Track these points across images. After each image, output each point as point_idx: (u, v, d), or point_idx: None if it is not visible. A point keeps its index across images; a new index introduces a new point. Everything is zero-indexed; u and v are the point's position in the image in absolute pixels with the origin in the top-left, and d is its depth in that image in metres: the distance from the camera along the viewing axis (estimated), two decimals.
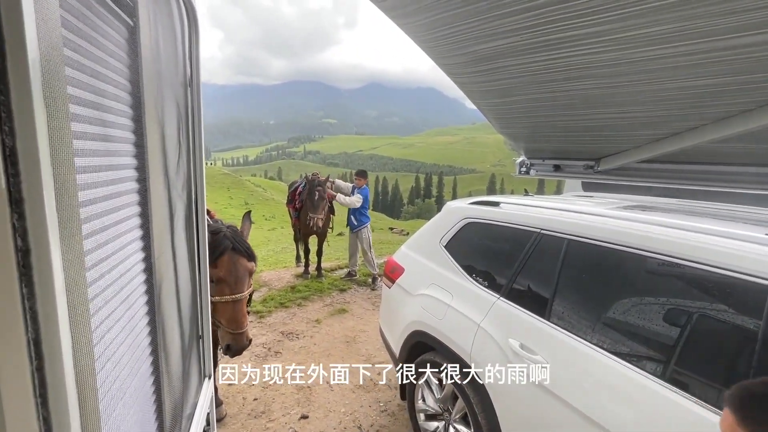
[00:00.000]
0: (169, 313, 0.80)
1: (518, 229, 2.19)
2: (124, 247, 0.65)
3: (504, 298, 2.08)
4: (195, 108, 1.00)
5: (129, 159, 0.69)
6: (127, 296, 0.64)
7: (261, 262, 7.46)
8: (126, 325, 0.62)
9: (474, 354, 2.06)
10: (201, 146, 1.02)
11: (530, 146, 1.89)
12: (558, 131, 1.43)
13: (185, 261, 0.96)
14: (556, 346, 1.73)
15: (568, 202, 2.36)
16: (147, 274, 0.73)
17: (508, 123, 1.39)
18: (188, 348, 0.95)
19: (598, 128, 1.33)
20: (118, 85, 0.66)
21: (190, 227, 1.01)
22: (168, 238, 0.80)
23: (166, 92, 0.82)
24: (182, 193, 0.92)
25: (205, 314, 1.08)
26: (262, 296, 5.27)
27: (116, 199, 0.64)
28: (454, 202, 2.87)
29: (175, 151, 0.87)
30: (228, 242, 2.14)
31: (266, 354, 3.83)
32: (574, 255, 1.86)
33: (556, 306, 1.82)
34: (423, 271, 2.72)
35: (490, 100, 1.12)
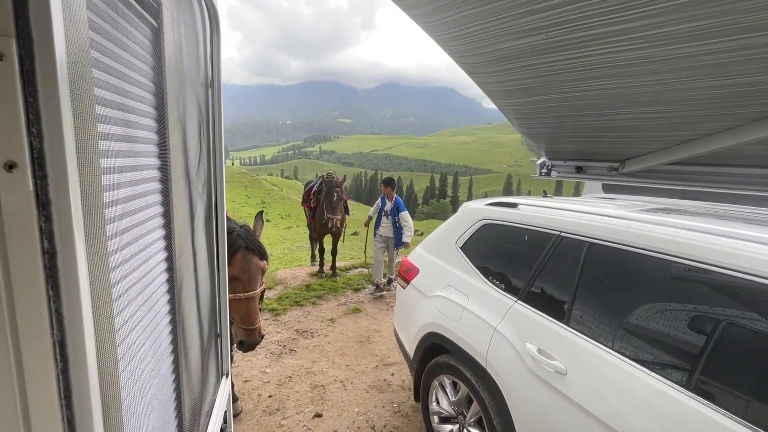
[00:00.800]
0: (189, 312, 0.81)
1: (537, 231, 2.14)
2: (146, 248, 0.65)
3: (521, 302, 2.04)
4: (216, 109, 1.01)
5: (152, 159, 0.70)
6: (149, 296, 0.65)
7: (276, 260, 7.55)
8: (148, 325, 0.63)
9: (490, 357, 2.03)
10: (221, 147, 1.02)
11: (552, 147, 1.83)
12: (581, 132, 1.38)
13: (205, 261, 0.97)
14: (576, 352, 1.68)
15: (588, 204, 2.30)
16: (169, 274, 0.74)
17: (529, 123, 1.35)
18: (207, 347, 0.96)
19: (624, 129, 1.28)
20: (142, 87, 0.66)
21: (210, 227, 1.02)
22: (188, 238, 0.81)
23: (188, 93, 0.83)
24: (202, 194, 0.93)
25: (224, 313, 1.09)
26: (277, 294, 5.33)
27: (139, 199, 0.65)
28: (470, 203, 2.84)
29: (196, 151, 0.88)
30: (241, 241, 2.20)
31: (281, 351, 3.87)
32: (596, 259, 1.81)
33: (576, 310, 1.78)
34: (438, 272, 2.70)
35: (511, 100, 1.09)
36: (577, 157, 1.94)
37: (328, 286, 5.64)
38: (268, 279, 5.86)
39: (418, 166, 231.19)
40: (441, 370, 2.42)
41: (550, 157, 2.09)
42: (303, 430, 2.80)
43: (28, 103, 0.36)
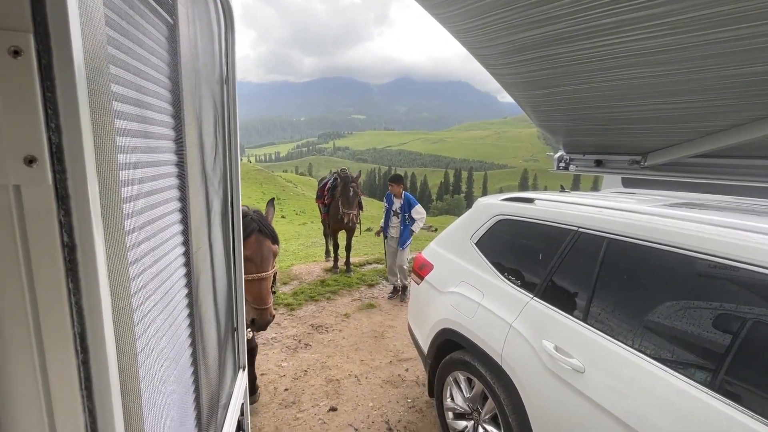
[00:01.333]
0: (206, 306, 0.82)
1: (554, 226, 2.10)
2: (164, 242, 0.66)
3: (538, 298, 2.01)
4: (231, 105, 1.01)
5: (169, 155, 0.71)
6: (167, 290, 0.65)
7: (291, 255, 7.63)
8: (167, 319, 0.64)
9: (505, 354, 2.00)
10: (236, 143, 1.03)
11: (570, 140, 1.77)
12: (601, 124, 1.33)
13: (221, 255, 0.98)
14: (594, 350, 1.65)
15: (608, 199, 2.24)
16: (186, 268, 0.75)
17: (547, 116, 1.30)
18: (224, 340, 0.98)
19: (647, 120, 1.22)
20: (158, 83, 0.67)
21: (226, 222, 1.03)
22: (205, 233, 0.82)
23: (203, 89, 0.83)
24: (218, 189, 0.94)
25: (240, 307, 1.10)
26: (293, 289, 5.39)
27: (157, 195, 0.65)
28: (485, 198, 2.80)
29: (211, 147, 0.88)
30: (255, 224, 2.29)
31: (296, 346, 3.92)
32: (615, 255, 1.76)
33: (595, 308, 1.74)
34: (453, 268, 2.68)
35: (527, 92, 1.05)
36: (596, 151, 1.87)
37: (342, 281, 5.67)
38: (283, 275, 5.93)
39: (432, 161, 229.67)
40: (455, 366, 2.41)
41: (568, 151, 2.02)
42: (318, 423, 2.83)
43: (46, 98, 0.37)
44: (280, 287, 5.45)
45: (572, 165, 2.07)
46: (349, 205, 5.45)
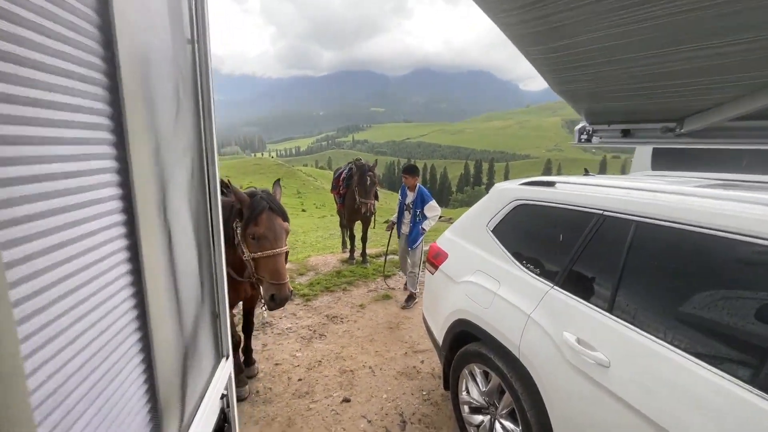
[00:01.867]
0: (165, 295, 0.74)
1: (577, 210, 1.95)
2: (86, 237, 0.56)
3: (558, 287, 1.88)
4: (203, 66, 0.93)
5: (92, 131, 0.58)
6: (91, 290, 0.56)
7: (309, 247, 7.64)
8: (85, 319, 0.55)
9: (523, 347, 1.89)
10: (211, 111, 0.94)
11: (593, 107, 1.57)
12: (631, 83, 1.14)
13: (193, 239, 0.90)
14: (621, 343, 1.51)
15: (636, 180, 2.07)
16: (130, 263, 0.66)
17: (566, 76, 1.13)
18: (198, 328, 0.91)
19: (687, 74, 1.03)
20: (72, 43, 0.55)
21: (201, 202, 0.95)
22: (161, 217, 0.72)
23: (153, 50, 0.73)
24: (187, 165, 0.85)
25: (222, 292, 1.03)
26: (309, 280, 5.38)
27: (70, 180, 0.54)
28: (502, 183, 2.66)
29: (169, 116, 0.79)
30: (264, 203, 2.31)
31: (311, 336, 3.90)
32: (644, 239, 1.61)
33: (621, 297, 1.60)
34: (468, 256, 2.56)
35: (542, 45, 0.90)
36: (623, 119, 1.67)
37: (358, 272, 5.63)
38: (299, 266, 5.94)
39: (451, 153, 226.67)
40: (471, 358, 2.31)
41: (591, 121, 1.83)
42: (331, 414, 2.79)
43: None
44: (296, 278, 5.45)
45: (596, 137, 1.87)
46: (366, 194, 5.36)
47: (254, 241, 2.29)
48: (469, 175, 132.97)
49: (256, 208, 2.30)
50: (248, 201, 2.36)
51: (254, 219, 2.27)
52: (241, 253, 2.38)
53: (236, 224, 2.37)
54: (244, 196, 2.37)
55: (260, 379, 3.20)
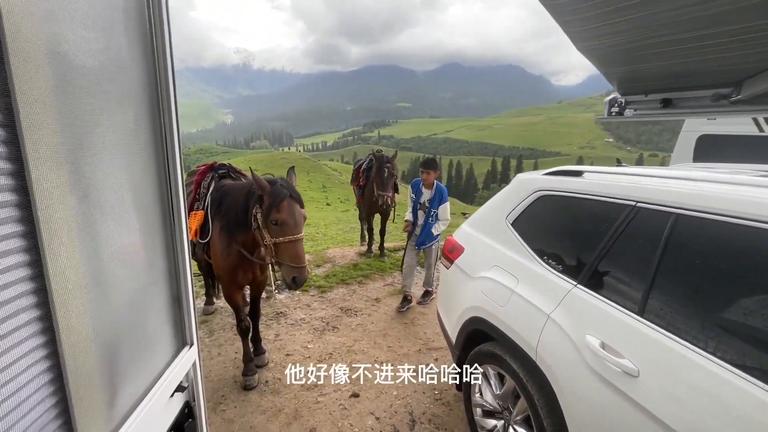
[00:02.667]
0: (74, 278, 0.63)
1: (606, 202, 1.77)
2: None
3: (582, 286, 1.70)
4: (159, 44, 0.80)
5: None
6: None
7: (328, 240, 7.62)
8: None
9: (540, 350, 1.73)
10: (168, 67, 0.82)
11: (627, 72, 1.34)
12: (677, 32, 0.92)
13: (131, 214, 0.79)
14: (652, 350, 1.34)
15: (676, 169, 1.85)
16: (28, 254, 0.56)
17: (593, 28, 0.92)
18: (141, 314, 0.81)
19: (753, 14, 0.80)
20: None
21: (152, 168, 0.83)
22: (67, 182, 0.61)
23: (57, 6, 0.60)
24: (123, 119, 0.73)
25: (184, 275, 0.93)
26: (325, 272, 5.34)
27: None
28: (525, 173, 2.48)
29: (97, 65, 0.68)
30: (286, 191, 2.40)
31: (324, 328, 3.84)
32: (684, 234, 1.42)
33: (654, 299, 1.41)
34: (485, 251, 2.41)
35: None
36: (664, 85, 1.43)
37: (375, 265, 5.54)
38: (317, 258, 5.91)
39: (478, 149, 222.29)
40: (485, 359, 2.17)
41: (623, 91, 1.60)
42: (339, 408, 2.72)
43: None
44: (313, 269, 5.42)
45: (629, 109, 1.64)
46: (383, 186, 5.23)
47: (276, 226, 2.36)
48: (496, 172, 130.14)
49: (278, 195, 2.37)
50: (269, 188, 2.40)
51: (276, 206, 2.35)
52: (261, 238, 2.46)
53: (256, 210, 2.44)
54: (266, 184, 2.41)
55: (270, 369, 3.17)
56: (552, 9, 0.82)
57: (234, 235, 2.68)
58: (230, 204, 2.72)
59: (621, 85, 1.52)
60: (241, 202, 2.60)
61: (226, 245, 2.73)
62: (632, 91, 1.54)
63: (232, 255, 2.72)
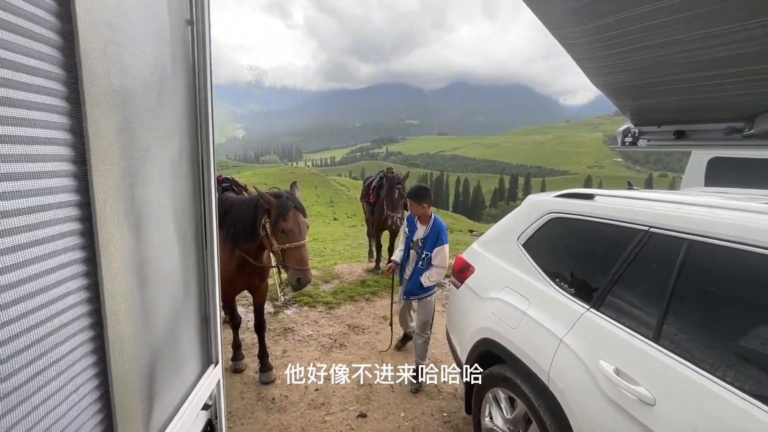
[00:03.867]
0: (125, 295, 0.67)
1: (618, 226, 1.77)
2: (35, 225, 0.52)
3: (595, 310, 1.70)
4: (199, 48, 0.87)
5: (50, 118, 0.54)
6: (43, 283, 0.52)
7: (336, 255, 7.64)
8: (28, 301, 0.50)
9: (553, 374, 1.71)
10: (207, 91, 0.89)
11: (640, 104, 1.38)
12: (688, 72, 0.95)
13: (172, 235, 0.83)
14: (669, 378, 1.32)
15: (689, 194, 1.86)
16: (86, 265, 0.60)
17: (606, 65, 0.96)
18: (175, 332, 0.84)
19: (763, 57, 0.85)
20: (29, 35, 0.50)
21: (188, 196, 0.88)
22: (122, 211, 0.66)
23: (130, 31, 0.67)
24: (170, 153, 0.78)
25: (213, 296, 0.96)
26: (333, 288, 5.34)
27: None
28: (536, 195, 2.50)
29: (152, 101, 0.73)
30: (290, 202, 2.67)
31: (332, 345, 3.83)
32: (699, 261, 1.41)
33: (669, 326, 1.41)
34: (496, 272, 2.41)
35: (578, 26, 0.76)
36: (677, 118, 1.46)
37: (383, 282, 5.52)
38: (325, 274, 5.92)
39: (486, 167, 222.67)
40: (495, 382, 2.14)
41: (637, 122, 1.63)
42: (346, 428, 2.69)
43: None
44: (321, 285, 5.43)
45: (642, 139, 1.66)
46: (393, 207, 5.27)
47: (283, 234, 2.64)
48: (504, 190, 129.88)
49: (285, 207, 2.64)
50: (275, 201, 2.66)
51: (283, 216, 2.62)
52: (270, 245, 2.72)
53: (265, 220, 2.69)
54: (271, 198, 2.67)
55: (277, 386, 3.15)
56: (568, 47, 0.86)
57: (238, 243, 2.89)
58: (237, 215, 2.91)
59: (634, 117, 1.55)
60: (249, 214, 2.82)
61: (229, 252, 2.91)
62: (645, 122, 1.57)
63: (234, 262, 2.91)
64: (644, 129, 1.65)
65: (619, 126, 1.90)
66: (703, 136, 1.45)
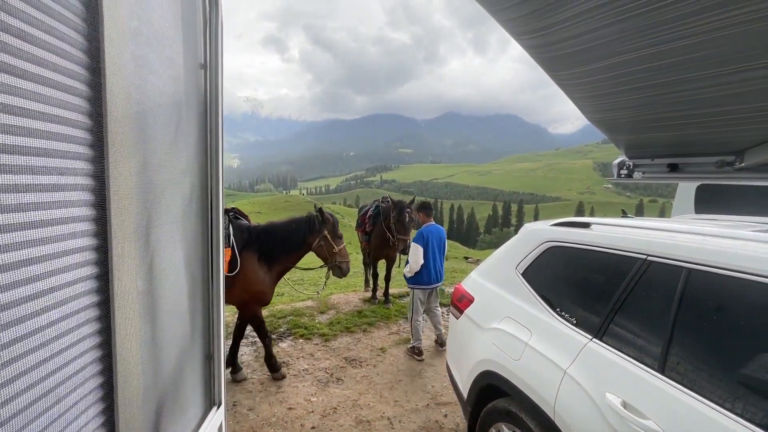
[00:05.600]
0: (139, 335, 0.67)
1: (616, 254, 1.79)
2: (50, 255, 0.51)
3: (598, 340, 1.68)
4: (212, 92, 0.91)
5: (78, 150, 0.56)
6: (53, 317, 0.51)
7: (331, 285, 7.54)
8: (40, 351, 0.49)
9: (558, 407, 1.67)
10: (219, 134, 0.91)
11: (635, 139, 1.42)
12: (680, 110, 1.00)
13: (182, 272, 0.83)
14: (677, 410, 1.29)
15: (685, 223, 1.89)
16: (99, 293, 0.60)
17: (601, 103, 1.00)
18: (180, 372, 0.82)
19: (752, 97, 0.88)
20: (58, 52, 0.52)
21: (199, 233, 0.89)
22: (138, 247, 0.65)
23: (149, 76, 0.70)
24: (182, 192, 0.80)
25: (218, 331, 0.94)
26: (329, 319, 5.24)
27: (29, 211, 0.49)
28: (532, 224, 2.52)
29: (167, 142, 0.75)
30: (330, 217, 3.85)
31: (328, 380, 3.71)
32: (699, 289, 1.42)
33: (674, 356, 1.39)
34: (495, 301, 2.39)
35: (572, 69, 0.80)
36: (670, 151, 1.50)
37: (380, 313, 5.43)
38: (321, 304, 5.83)
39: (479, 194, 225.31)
40: (499, 416, 2.08)
41: (632, 155, 1.68)
42: None
43: None
44: (317, 316, 5.33)
45: (637, 172, 1.71)
46: (405, 231, 5.27)
47: (339, 239, 3.85)
48: (498, 216, 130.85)
49: (337, 221, 3.89)
50: (332, 219, 3.85)
51: (337, 228, 3.85)
52: (329, 249, 3.78)
53: (325, 233, 3.75)
54: (328, 216, 3.85)
55: (272, 425, 3.02)
56: (564, 87, 0.90)
57: (278, 259, 3.60)
58: (283, 235, 3.64)
59: (628, 150, 1.61)
60: (302, 231, 3.70)
61: (267, 269, 3.55)
62: (639, 155, 1.63)
63: (273, 277, 3.60)
64: (638, 162, 1.70)
65: (609, 153, 1.97)
66: (695, 169, 1.50)
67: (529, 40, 0.69)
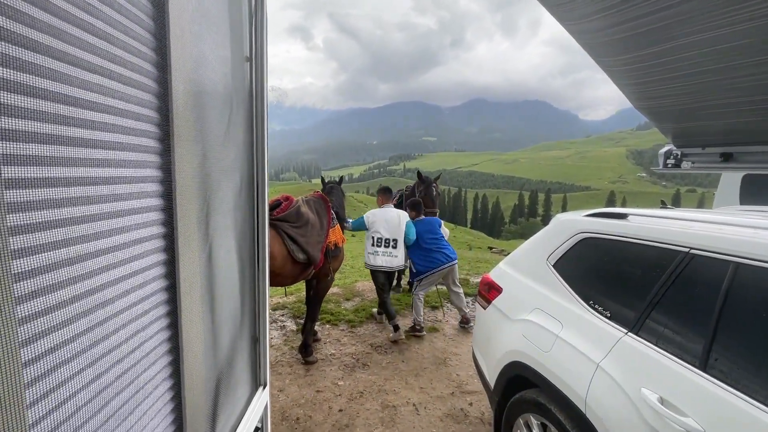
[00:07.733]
0: (200, 319, 0.71)
1: (655, 247, 1.72)
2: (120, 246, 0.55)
3: (634, 335, 1.64)
4: (258, 84, 0.93)
5: (148, 156, 0.60)
6: (124, 305, 0.54)
7: (356, 273, 7.64)
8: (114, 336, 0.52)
9: (590, 401, 1.65)
10: (264, 127, 0.94)
11: (684, 127, 1.34)
12: (737, 96, 0.94)
13: (234, 258, 0.88)
14: (718, 409, 1.25)
15: (731, 214, 1.79)
16: (168, 280, 0.64)
17: (651, 90, 0.94)
18: (233, 354, 0.86)
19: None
20: (132, 68, 0.56)
21: (247, 219, 0.94)
22: (199, 235, 0.70)
23: (206, 72, 0.73)
24: (234, 183, 0.84)
25: (263, 315, 0.99)
26: (354, 306, 5.33)
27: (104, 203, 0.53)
28: (565, 214, 2.46)
29: (221, 135, 0.78)
30: None
31: (354, 365, 3.79)
32: (747, 285, 1.35)
33: (717, 353, 1.34)
34: (525, 292, 2.36)
35: (624, 55, 0.76)
36: (723, 140, 1.41)
37: (405, 301, 5.48)
38: (346, 291, 5.93)
39: (504, 182, 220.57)
40: (527, 407, 2.07)
41: (680, 143, 1.59)
42: None
43: None
44: (342, 303, 5.43)
45: (686, 161, 1.62)
46: (433, 203, 5.30)
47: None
48: (524, 206, 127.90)
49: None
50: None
51: None
52: None
53: None
54: None
55: (301, 406, 3.13)
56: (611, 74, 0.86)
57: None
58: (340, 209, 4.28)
59: (676, 138, 1.52)
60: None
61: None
62: (688, 144, 1.54)
63: None
64: (687, 151, 1.61)
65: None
66: (754, 159, 1.40)
67: (579, 24, 0.66)
